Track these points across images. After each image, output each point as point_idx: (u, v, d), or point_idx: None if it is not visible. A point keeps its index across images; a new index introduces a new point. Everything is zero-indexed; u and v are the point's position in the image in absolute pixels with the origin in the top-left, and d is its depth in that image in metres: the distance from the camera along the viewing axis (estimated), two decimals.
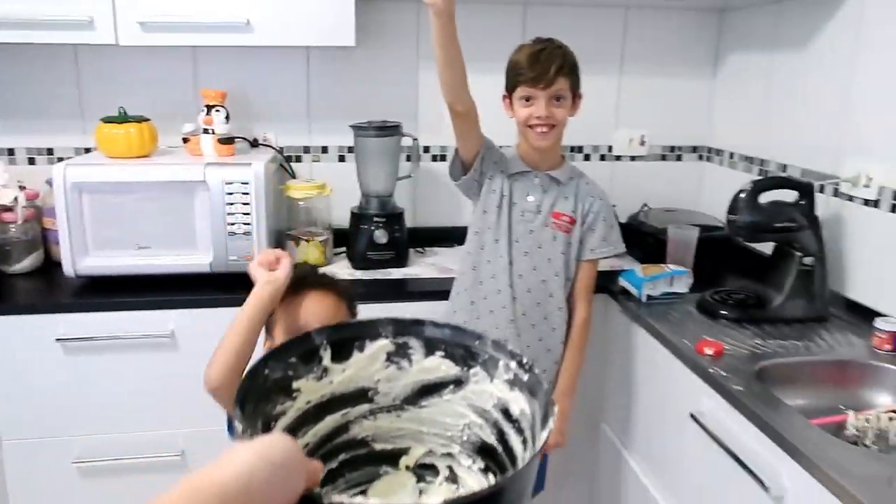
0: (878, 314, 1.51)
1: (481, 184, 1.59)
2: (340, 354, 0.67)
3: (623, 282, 1.80)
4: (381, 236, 1.91)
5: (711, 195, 2.28)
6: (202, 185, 1.69)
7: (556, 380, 1.62)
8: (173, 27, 1.73)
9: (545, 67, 1.47)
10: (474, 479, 0.67)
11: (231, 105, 1.91)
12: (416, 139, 2.06)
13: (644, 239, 2.05)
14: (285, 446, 0.45)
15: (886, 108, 1.56)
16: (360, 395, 0.69)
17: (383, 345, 0.68)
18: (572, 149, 2.25)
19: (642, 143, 2.29)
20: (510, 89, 1.55)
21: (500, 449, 0.66)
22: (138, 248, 1.71)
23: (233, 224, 1.71)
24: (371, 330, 0.68)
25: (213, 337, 1.73)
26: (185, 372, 1.71)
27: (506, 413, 0.64)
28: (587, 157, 2.28)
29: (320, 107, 2.12)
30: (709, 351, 1.43)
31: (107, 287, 1.72)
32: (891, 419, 1.28)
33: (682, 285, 1.77)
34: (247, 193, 1.70)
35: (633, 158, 2.31)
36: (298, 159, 2.14)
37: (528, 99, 1.51)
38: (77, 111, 2.02)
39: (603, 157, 2.29)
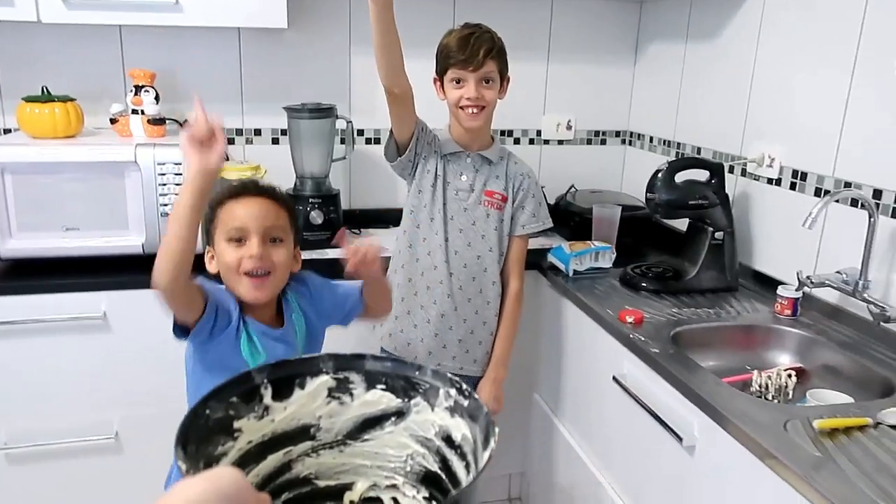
0: (781, 283, 1.64)
1: (416, 165, 1.64)
2: (281, 392, 0.66)
3: (551, 258, 1.88)
4: (316, 217, 1.93)
5: (633, 177, 2.40)
6: (133, 165, 1.67)
7: (492, 350, 1.70)
8: (99, 5, 1.70)
9: (475, 51, 1.52)
10: None
11: (161, 86, 1.89)
12: (350, 121, 2.09)
13: (571, 218, 2.15)
14: (235, 478, 0.44)
15: (783, 96, 1.70)
16: (303, 433, 0.69)
17: (324, 381, 0.68)
18: (503, 132, 2.32)
19: (569, 127, 2.39)
20: (441, 72, 1.59)
21: (443, 476, 0.67)
22: (66, 229, 1.67)
23: (166, 205, 1.69)
24: (311, 366, 0.68)
25: (147, 318, 1.73)
26: (119, 354, 1.71)
27: (448, 440, 0.65)
28: (517, 141, 2.36)
29: (253, 89, 2.12)
30: (630, 319, 1.53)
31: (34, 270, 1.68)
32: (790, 376, 1.41)
33: (606, 260, 1.88)
34: (179, 174, 1.69)
35: (560, 142, 2.40)
36: (231, 142, 2.13)
37: (458, 81, 1.56)
38: None
39: (532, 141, 2.38)
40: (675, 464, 1.31)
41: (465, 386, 0.64)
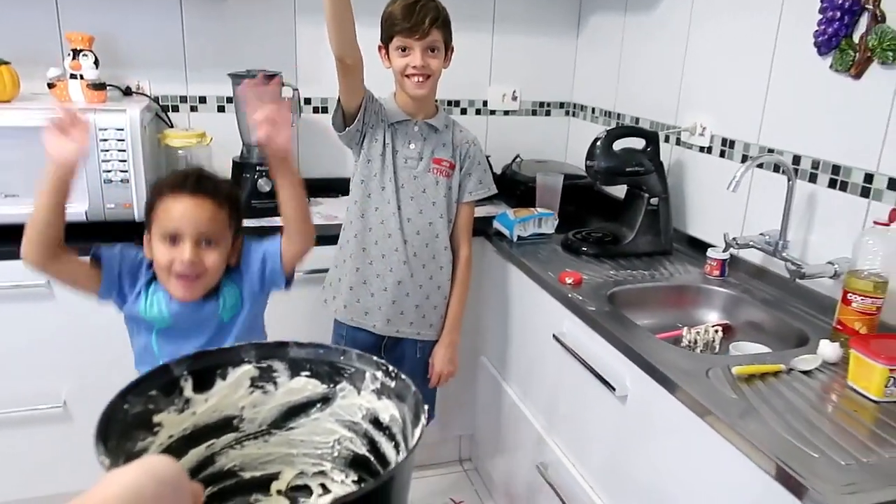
0: (711, 246, 1.74)
1: (363, 134, 1.65)
2: (202, 384, 0.65)
3: (497, 224, 1.94)
4: (264, 185, 1.94)
5: (576, 147, 2.47)
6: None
7: (446, 313, 1.75)
8: None
9: (420, 19, 1.53)
10: (348, 492, 0.68)
11: (100, 51, 1.85)
12: (296, 89, 2.09)
13: (516, 187, 2.21)
14: (170, 464, 0.44)
15: (714, 68, 1.78)
16: (226, 425, 0.67)
17: (246, 370, 0.66)
18: (450, 103, 2.36)
19: (514, 98, 2.44)
20: (386, 40, 1.60)
21: (372, 458, 0.67)
22: (5, 196, 1.64)
23: (109, 171, 1.68)
24: (233, 356, 0.66)
25: None
26: (64, 322, 1.70)
27: (375, 422, 0.65)
28: (464, 111, 2.39)
29: (196, 55, 2.09)
30: (569, 280, 1.60)
31: None
32: (717, 331, 1.51)
33: (549, 226, 1.94)
34: (122, 140, 1.67)
35: (506, 113, 2.45)
36: (175, 109, 2.10)
37: (403, 49, 1.57)
38: None
39: (478, 112, 2.42)
40: (610, 414, 1.39)
41: (391, 367, 0.63)
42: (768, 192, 1.61)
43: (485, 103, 2.42)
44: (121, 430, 0.56)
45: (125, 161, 1.68)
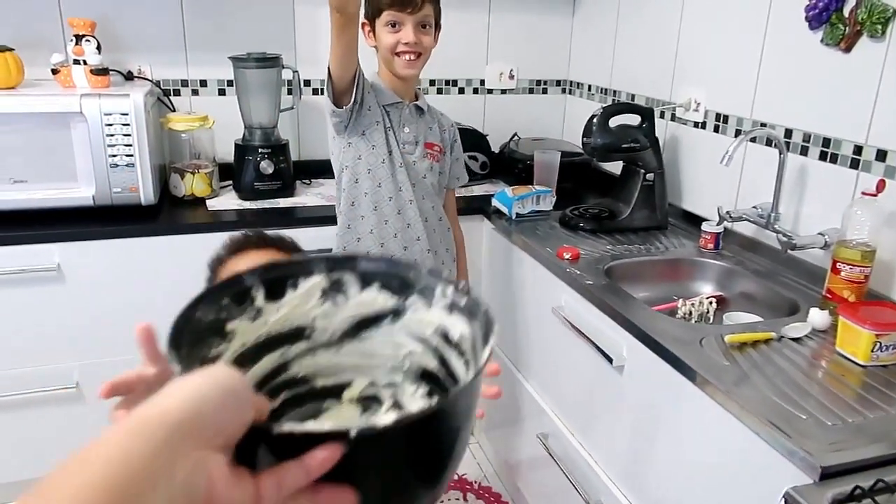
0: (705, 220, 1.77)
1: (359, 114, 1.52)
2: (274, 294, 0.64)
3: (495, 202, 1.98)
4: (266, 167, 1.97)
5: (573, 125, 2.50)
6: (79, 116, 1.67)
7: None
8: None
9: None
10: (419, 405, 0.68)
11: (101, 36, 1.87)
12: (296, 71, 2.11)
13: (514, 165, 2.24)
14: (234, 375, 0.42)
15: (707, 43, 1.81)
16: (297, 334, 0.67)
17: (317, 281, 0.66)
18: (447, 82, 2.38)
19: (511, 76, 2.46)
20: (373, 15, 1.49)
21: (442, 374, 0.67)
22: (13, 182, 1.68)
23: (114, 156, 1.71)
24: (304, 268, 0.66)
25: (101, 268, 1.77)
26: (75, 304, 1.74)
27: (446, 338, 0.64)
28: (461, 91, 2.42)
29: (197, 39, 2.11)
30: (567, 256, 1.64)
31: None
32: (711, 303, 1.56)
33: (547, 203, 1.98)
34: (127, 125, 1.70)
35: (503, 91, 2.48)
36: (177, 93, 2.13)
37: (394, 25, 1.47)
38: None
39: (476, 91, 2.44)
40: (607, 384, 1.44)
41: (462, 283, 0.63)
42: (761, 166, 1.64)
43: (482, 82, 2.44)
44: (193, 338, 0.56)
45: (130, 146, 1.71)
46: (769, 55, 1.61)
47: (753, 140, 1.65)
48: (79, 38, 1.82)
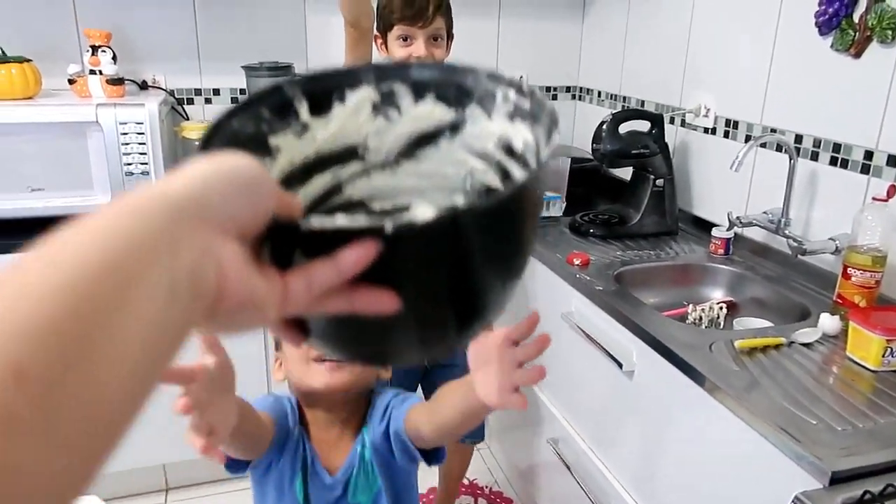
0: (715, 225, 1.78)
1: None
2: (319, 108, 0.57)
3: None
4: None
5: (583, 131, 2.50)
6: (95, 125, 1.70)
7: None
8: None
9: (423, 5, 1.45)
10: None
11: (116, 46, 1.90)
12: None
13: None
14: (252, 162, 0.37)
15: (717, 49, 1.81)
16: (350, 153, 0.60)
17: (366, 94, 0.59)
18: None
19: None
20: (384, 29, 1.51)
21: None
22: (31, 190, 1.71)
23: (129, 164, 1.74)
24: (350, 78, 0.58)
25: None
26: None
27: (509, 150, 0.57)
28: None
29: (210, 48, 2.14)
30: (577, 261, 1.65)
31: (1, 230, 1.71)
32: (721, 308, 1.56)
33: (557, 209, 1.99)
34: (142, 133, 1.73)
35: None
36: (190, 101, 2.16)
37: (405, 39, 1.49)
38: None
39: None
40: (617, 389, 1.44)
41: (524, 84, 0.54)
42: (771, 171, 1.64)
43: None
44: (234, 147, 0.46)
45: (145, 154, 1.74)
46: (779, 61, 1.61)
47: (763, 145, 1.65)
48: (95, 48, 1.85)
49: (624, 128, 1.84)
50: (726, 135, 1.80)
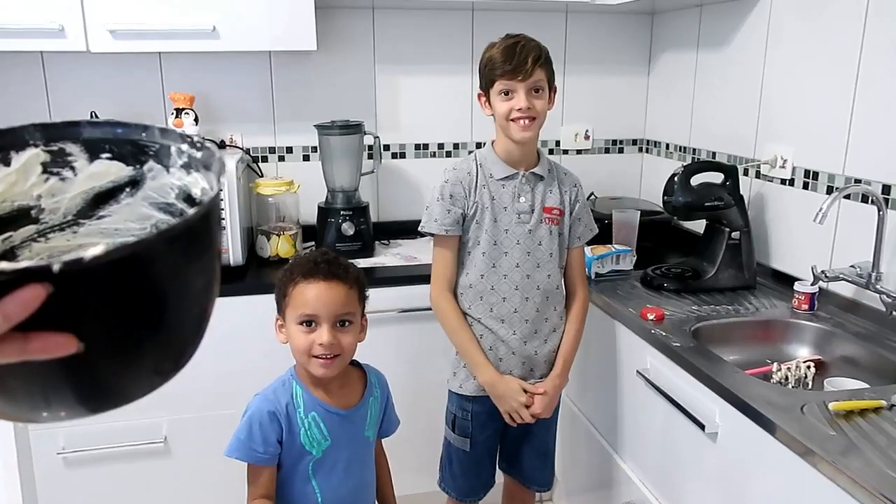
0: (798, 280, 1.70)
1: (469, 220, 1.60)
2: None
3: None
4: (348, 228, 2.03)
5: (651, 183, 2.47)
6: None
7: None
8: (143, 34, 1.82)
9: (522, 59, 1.46)
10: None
11: (199, 108, 2.00)
12: (377, 137, 2.19)
13: None
14: None
15: (792, 98, 1.76)
16: (22, 216, 0.59)
17: (34, 154, 0.57)
18: None
19: (587, 137, 2.47)
20: (487, 86, 1.53)
21: None
22: None
23: (222, 219, 1.79)
24: (14, 139, 0.57)
25: None
26: None
27: (189, 199, 0.58)
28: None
29: (284, 109, 2.23)
30: (651, 316, 1.60)
31: None
32: (808, 367, 1.47)
33: (627, 263, 1.94)
34: (220, 190, 1.79)
35: (579, 152, 2.48)
36: (265, 159, 2.24)
37: (507, 93, 1.49)
38: (46, 118, 2.08)
39: (552, 152, 2.46)
40: (699, 451, 1.37)
41: (194, 137, 0.58)
42: (857, 223, 1.57)
43: (557, 143, 2.46)
44: None
45: (223, 210, 1.80)
46: (861, 107, 1.56)
47: (848, 196, 1.58)
48: (179, 111, 1.95)
49: (696, 180, 1.80)
50: (805, 186, 1.74)
